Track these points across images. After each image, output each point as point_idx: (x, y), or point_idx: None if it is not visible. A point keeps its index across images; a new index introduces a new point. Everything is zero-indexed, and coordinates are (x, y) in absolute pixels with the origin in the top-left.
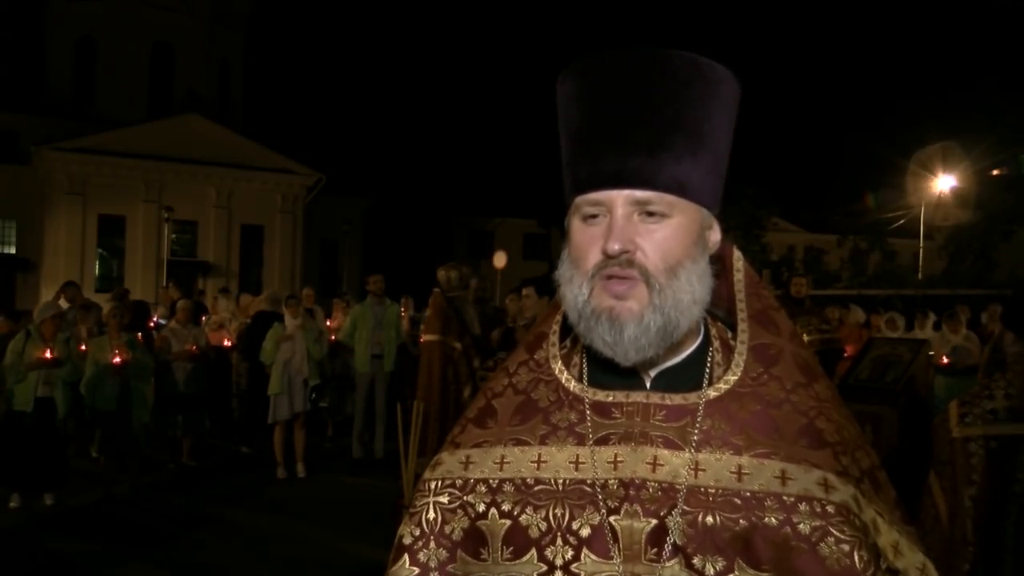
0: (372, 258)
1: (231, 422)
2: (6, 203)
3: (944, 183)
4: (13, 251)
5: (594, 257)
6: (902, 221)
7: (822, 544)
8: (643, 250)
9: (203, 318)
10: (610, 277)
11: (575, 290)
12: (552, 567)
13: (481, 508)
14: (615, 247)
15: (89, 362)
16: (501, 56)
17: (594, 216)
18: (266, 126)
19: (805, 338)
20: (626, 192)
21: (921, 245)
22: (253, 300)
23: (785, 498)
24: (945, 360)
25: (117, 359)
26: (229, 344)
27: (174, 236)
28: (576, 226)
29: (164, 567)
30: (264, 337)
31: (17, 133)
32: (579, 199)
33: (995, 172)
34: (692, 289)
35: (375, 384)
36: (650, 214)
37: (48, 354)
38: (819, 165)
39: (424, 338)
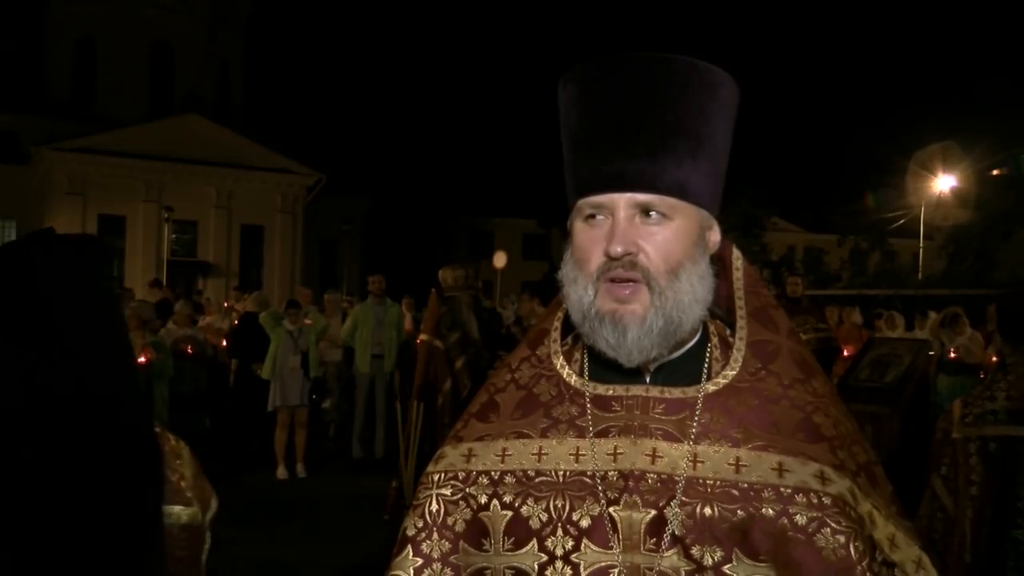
0: (372, 258)
1: (231, 422)
2: (6, 203)
3: (944, 183)
4: None
5: (597, 259)
6: (902, 221)
7: (818, 535)
8: (645, 252)
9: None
10: (613, 280)
11: (579, 292)
12: (553, 557)
13: (483, 500)
14: (618, 249)
15: None
16: (501, 56)
17: (596, 217)
18: (266, 126)
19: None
20: (628, 195)
21: (921, 245)
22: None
23: (782, 490)
24: (953, 355)
25: (142, 359)
26: (227, 344)
27: (174, 236)
28: (579, 227)
29: None
30: (251, 338)
31: (17, 133)
32: (581, 201)
33: (995, 172)
34: (693, 289)
35: (375, 384)
36: (651, 216)
37: None
38: (819, 165)
39: (419, 338)
